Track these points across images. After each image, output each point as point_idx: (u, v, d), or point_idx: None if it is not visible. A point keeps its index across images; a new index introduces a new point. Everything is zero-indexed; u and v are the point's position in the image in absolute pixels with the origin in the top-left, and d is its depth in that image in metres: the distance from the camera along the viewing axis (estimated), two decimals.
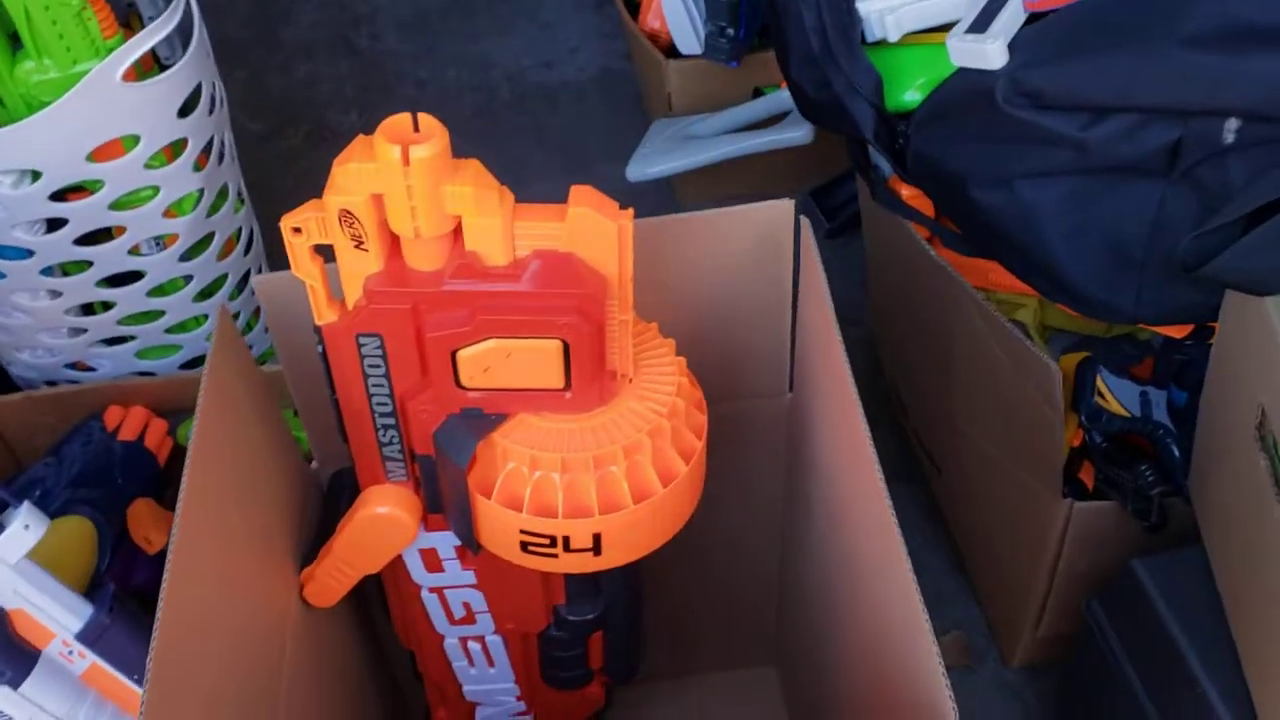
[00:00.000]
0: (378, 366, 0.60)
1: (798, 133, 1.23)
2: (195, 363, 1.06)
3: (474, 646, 0.77)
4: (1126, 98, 0.68)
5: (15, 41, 0.83)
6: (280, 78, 1.66)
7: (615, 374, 0.61)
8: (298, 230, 0.56)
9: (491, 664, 0.79)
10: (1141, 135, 0.69)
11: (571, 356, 0.58)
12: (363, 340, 0.59)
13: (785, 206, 0.69)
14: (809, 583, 0.86)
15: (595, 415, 0.61)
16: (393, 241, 0.57)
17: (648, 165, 1.27)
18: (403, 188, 0.53)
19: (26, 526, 0.68)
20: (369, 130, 0.53)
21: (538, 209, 0.56)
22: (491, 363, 0.58)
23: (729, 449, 0.80)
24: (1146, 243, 0.74)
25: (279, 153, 1.56)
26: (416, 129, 0.53)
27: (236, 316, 1.07)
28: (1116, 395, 0.84)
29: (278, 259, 1.15)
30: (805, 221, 0.68)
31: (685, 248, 0.70)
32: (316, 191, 0.55)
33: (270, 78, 1.66)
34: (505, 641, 0.77)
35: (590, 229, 0.55)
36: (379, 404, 0.61)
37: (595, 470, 0.60)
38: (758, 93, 1.35)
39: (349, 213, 0.55)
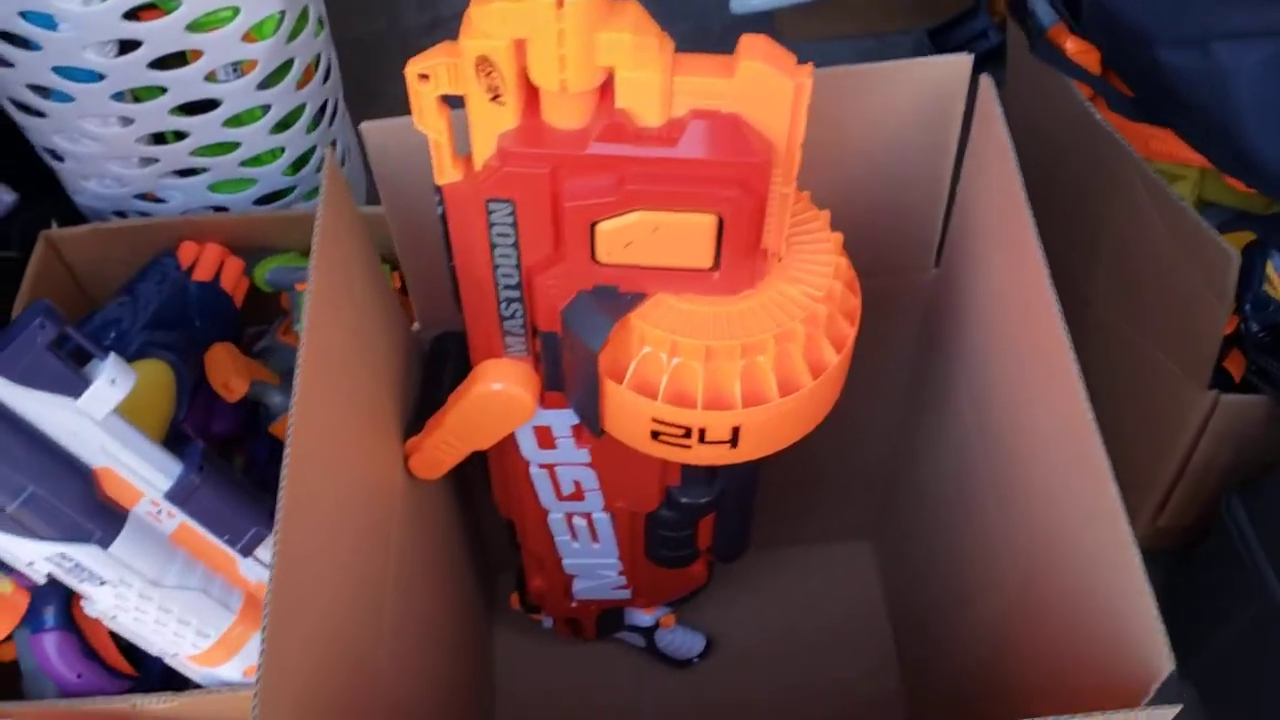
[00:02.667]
0: (507, 236, 0.53)
1: None
2: (269, 199, 1.00)
3: (579, 522, 0.73)
4: None
5: None
6: None
7: (767, 253, 0.55)
8: (424, 77, 0.49)
9: (595, 540, 0.75)
10: None
11: (725, 234, 0.51)
12: (493, 206, 0.52)
13: (961, 63, 0.60)
14: (929, 463, 0.81)
15: (743, 299, 0.55)
16: (531, 94, 0.50)
17: None
18: (554, 32, 0.45)
19: (113, 381, 0.63)
20: None
21: (701, 60, 0.48)
22: (635, 237, 0.52)
23: (863, 326, 0.74)
24: None
25: None
26: None
27: (313, 150, 1.01)
28: None
29: (353, 89, 1.09)
30: (987, 80, 0.59)
31: (844, 104, 0.62)
32: (400, 13, 0.47)
33: None
34: (613, 519, 0.73)
35: (763, 87, 0.48)
36: (504, 275, 0.55)
37: (742, 359, 0.54)
38: None
39: (487, 60, 0.47)
